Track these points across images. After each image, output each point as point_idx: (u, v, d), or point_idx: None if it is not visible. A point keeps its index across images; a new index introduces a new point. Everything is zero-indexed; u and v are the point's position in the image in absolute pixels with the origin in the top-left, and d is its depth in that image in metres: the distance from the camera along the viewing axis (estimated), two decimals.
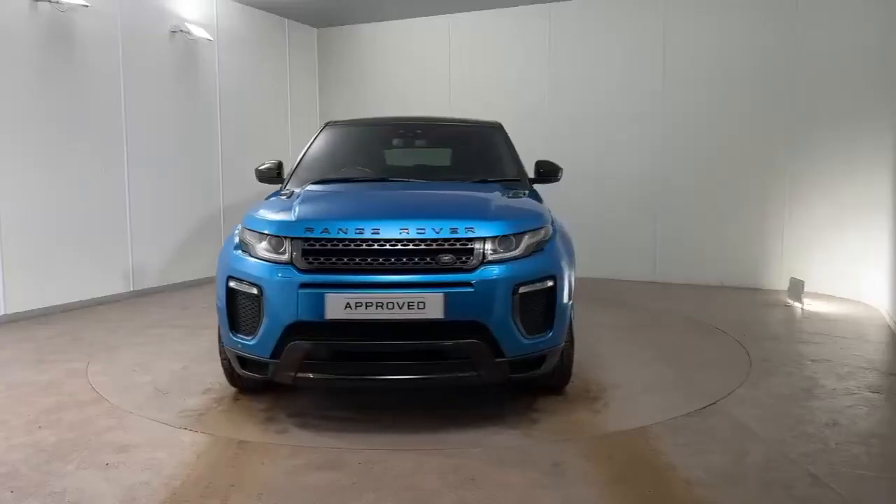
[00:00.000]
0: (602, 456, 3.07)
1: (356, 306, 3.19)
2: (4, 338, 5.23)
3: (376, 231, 3.30)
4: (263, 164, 4.70)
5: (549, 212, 3.97)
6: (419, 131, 5.20)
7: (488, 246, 3.34)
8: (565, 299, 3.55)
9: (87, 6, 6.10)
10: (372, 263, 3.27)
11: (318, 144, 4.98)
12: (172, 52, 7.25)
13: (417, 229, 3.30)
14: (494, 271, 3.28)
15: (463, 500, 2.66)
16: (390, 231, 3.30)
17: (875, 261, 6.30)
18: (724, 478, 2.85)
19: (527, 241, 3.45)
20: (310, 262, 3.29)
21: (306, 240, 3.33)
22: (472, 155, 5.00)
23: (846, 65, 6.68)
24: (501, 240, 3.38)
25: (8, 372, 4.39)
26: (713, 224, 7.49)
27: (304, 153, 4.88)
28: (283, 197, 4.02)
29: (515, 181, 4.49)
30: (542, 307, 3.43)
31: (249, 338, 3.38)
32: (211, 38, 7.61)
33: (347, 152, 4.97)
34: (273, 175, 4.62)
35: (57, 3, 5.89)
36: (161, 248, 7.15)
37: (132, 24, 6.73)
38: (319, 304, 3.21)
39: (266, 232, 3.45)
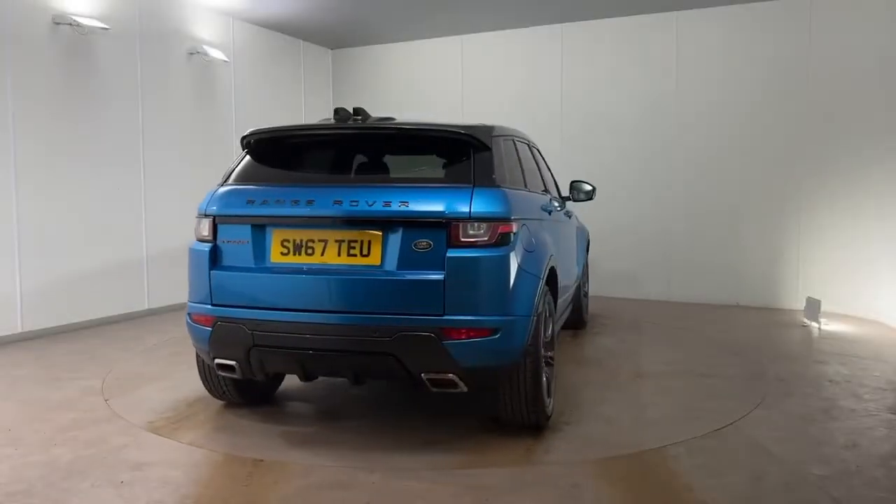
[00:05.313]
0: (619, 477, 3.04)
1: None
2: (21, 355, 5.28)
3: None
4: None
5: None
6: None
7: None
8: None
9: (106, 28, 6.22)
10: None
11: None
12: (190, 74, 7.36)
13: None
14: None
15: None
16: None
17: (893, 279, 6.23)
18: (741, 500, 2.81)
19: None
20: None
21: None
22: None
23: (861, 80, 6.67)
24: None
25: (24, 389, 4.42)
26: (728, 243, 7.45)
27: None
28: None
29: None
30: None
31: None
32: (227, 60, 7.71)
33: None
34: None
35: (77, 25, 6.01)
36: (177, 265, 7.18)
37: (150, 46, 6.84)
38: None
39: None
